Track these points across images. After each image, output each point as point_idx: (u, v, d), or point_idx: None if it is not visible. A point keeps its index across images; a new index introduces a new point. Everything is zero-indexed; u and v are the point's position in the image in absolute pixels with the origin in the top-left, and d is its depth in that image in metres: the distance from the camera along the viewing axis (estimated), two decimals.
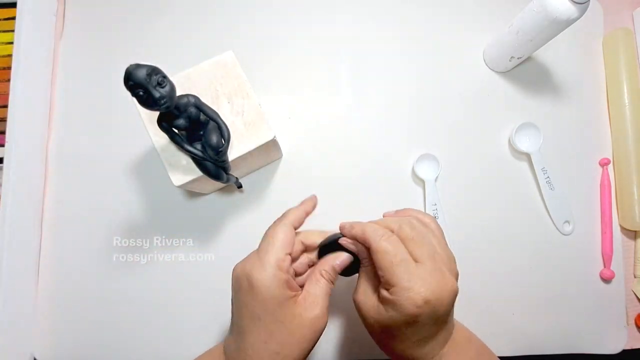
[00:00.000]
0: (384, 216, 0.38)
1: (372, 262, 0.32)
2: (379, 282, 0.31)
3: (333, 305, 0.46)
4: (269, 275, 0.30)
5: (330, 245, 0.36)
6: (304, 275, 0.36)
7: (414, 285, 0.28)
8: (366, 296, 0.33)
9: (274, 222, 0.35)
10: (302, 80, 0.51)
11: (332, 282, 0.34)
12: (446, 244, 0.34)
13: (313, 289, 0.33)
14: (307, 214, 0.37)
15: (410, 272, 0.29)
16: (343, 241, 0.35)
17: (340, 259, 0.34)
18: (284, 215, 0.35)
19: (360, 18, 0.53)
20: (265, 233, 0.34)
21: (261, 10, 0.53)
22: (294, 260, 0.35)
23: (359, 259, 0.35)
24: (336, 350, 0.46)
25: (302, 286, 0.33)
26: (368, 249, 0.32)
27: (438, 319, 0.30)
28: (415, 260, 0.30)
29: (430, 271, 0.29)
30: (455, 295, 0.30)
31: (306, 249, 0.36)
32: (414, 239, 0.31)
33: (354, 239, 0.33)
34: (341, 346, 0.46)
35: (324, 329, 0.32)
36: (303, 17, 0.53)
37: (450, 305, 0.30)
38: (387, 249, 0.30)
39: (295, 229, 0.35)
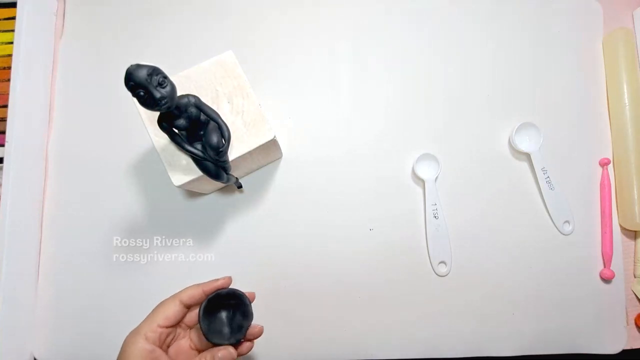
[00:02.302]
0: None
1: None
2: None
3: (332, 305, 0.47)
4: (133, 341, 0.34)
5: (213, 301, 0.36)
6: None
7: None
8: None
9: (172, 295, 0.37)
10: (302, 80, 0.51)
11: None
12: None
13: None
14: (205, 293, 0.37)
15: None
16: None
17: (222, 353, 0.35)
18: (181, 291, 0.37)
19: (360, 19, 0.53)
20: (158, 304, 0.37)
21: (261, 10, 0.53)
22: (176, 326, 0.37)
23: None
24: (336, 350, 0.46)
25: None
26: None
27: None
28: None
29: None
30: None
31: (188, 306, 0.37)
32: None
33: None
34: (341, 346, 0.46)
35: None
36: (303, 17, 0.53)
37: None
38: None
39: (187, 306, 0.37)
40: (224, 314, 0.38)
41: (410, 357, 0.46)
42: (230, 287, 0.38)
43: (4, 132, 0.46)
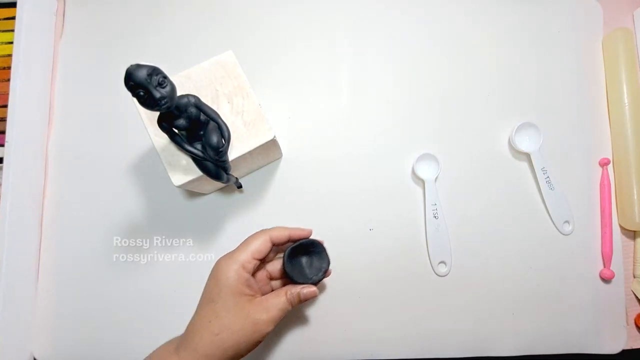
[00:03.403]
0: None
1: None
2: None
3: (332, 305, 0.47)
4: (232, 268, 0.36)
5: (298, 249, 0.41)
6: (266, 288, 0.42)
7: None
8: None
9: (260, 230, 0.40)
10: (302, 80, 0.51)
11: (291, 305, 0.38)
12: None
13: (272, 298, 0.37)
14: (291, 238, 0.40)
15: None
16: None
17: (307, 290, 0.39)
18: (270, 228, 0.40)
19: (360, 19, 0.53)
20: (248, 237, 0.39)
21: (261, 10, 0.53)
22: (264, 262, 0.41)
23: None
24: (336, 350, 0.46)
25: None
26: None
27: None
28: None
29: None
30: None
31: (274, 244, 0.40)
32: None
33: None
34: (341, 346, 0.46)
35: (265, 335, 0.36)
36: (303, 17, 0.53)
37: None
38: None
39: (274, 244, 0.39)
40: (304, 259, 0.42)
41: (410, 357, 0.46)
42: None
43: (4, 132, 0.46)
